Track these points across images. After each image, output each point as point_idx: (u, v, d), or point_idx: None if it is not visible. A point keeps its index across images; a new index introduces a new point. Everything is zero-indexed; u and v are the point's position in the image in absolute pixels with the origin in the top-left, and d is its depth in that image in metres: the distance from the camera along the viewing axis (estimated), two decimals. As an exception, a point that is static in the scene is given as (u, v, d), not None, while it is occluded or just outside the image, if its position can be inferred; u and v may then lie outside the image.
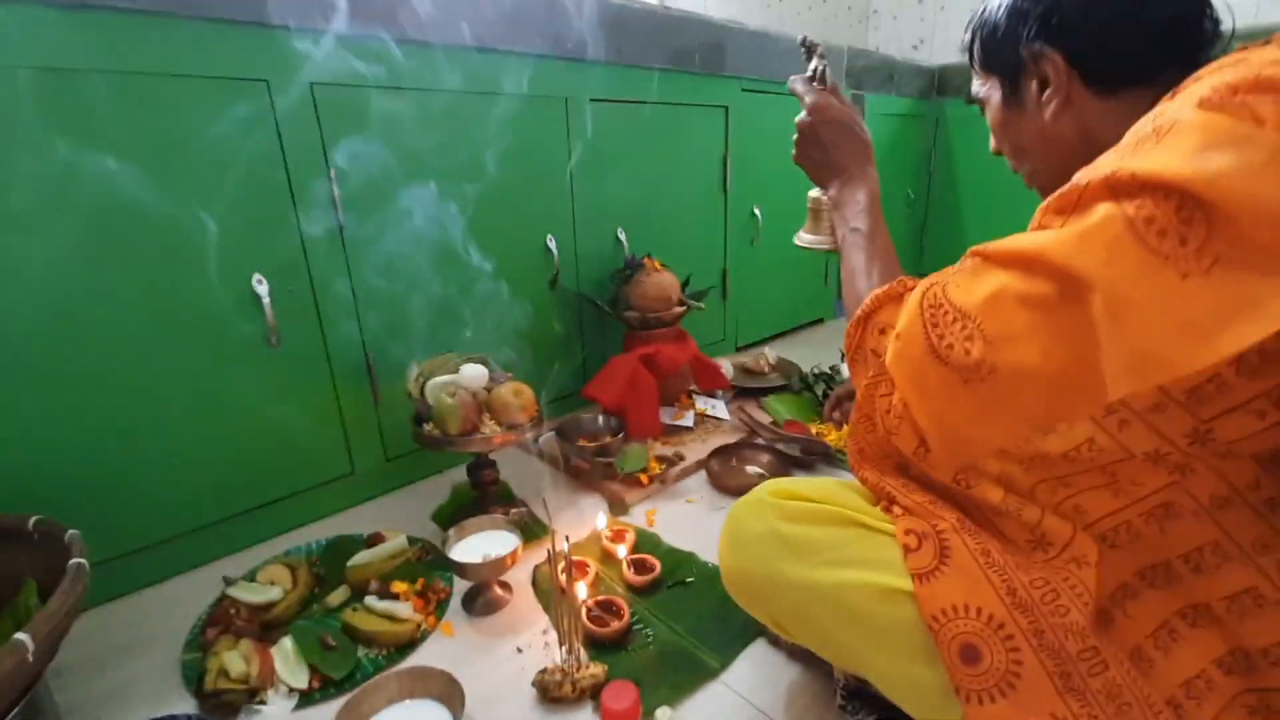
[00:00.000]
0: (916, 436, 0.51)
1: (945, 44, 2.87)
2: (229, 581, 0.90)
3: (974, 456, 0.49)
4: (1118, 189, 0.39)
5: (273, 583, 0.88)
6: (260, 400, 0.99)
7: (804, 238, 0.81)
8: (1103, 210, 0.40)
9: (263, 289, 0.95)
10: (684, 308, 1.41)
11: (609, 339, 1.50)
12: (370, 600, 0.85)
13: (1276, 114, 0.37)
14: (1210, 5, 0.52)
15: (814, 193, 0.77)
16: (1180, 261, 0.37)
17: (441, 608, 0.88)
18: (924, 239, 2.72)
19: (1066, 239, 0.41)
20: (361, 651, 0.80)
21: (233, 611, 0.83)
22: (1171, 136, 0.39)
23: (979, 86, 0.63)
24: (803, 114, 0.70)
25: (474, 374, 0.99)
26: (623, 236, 1.48)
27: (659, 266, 1.39)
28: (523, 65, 1.19)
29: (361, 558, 0.92)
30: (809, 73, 0.72)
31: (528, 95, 1.22)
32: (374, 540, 0.97)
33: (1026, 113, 0.59)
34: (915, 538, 0.50)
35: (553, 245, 1.33)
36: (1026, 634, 0.45)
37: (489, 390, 1.01)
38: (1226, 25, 0.53)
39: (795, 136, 0.72)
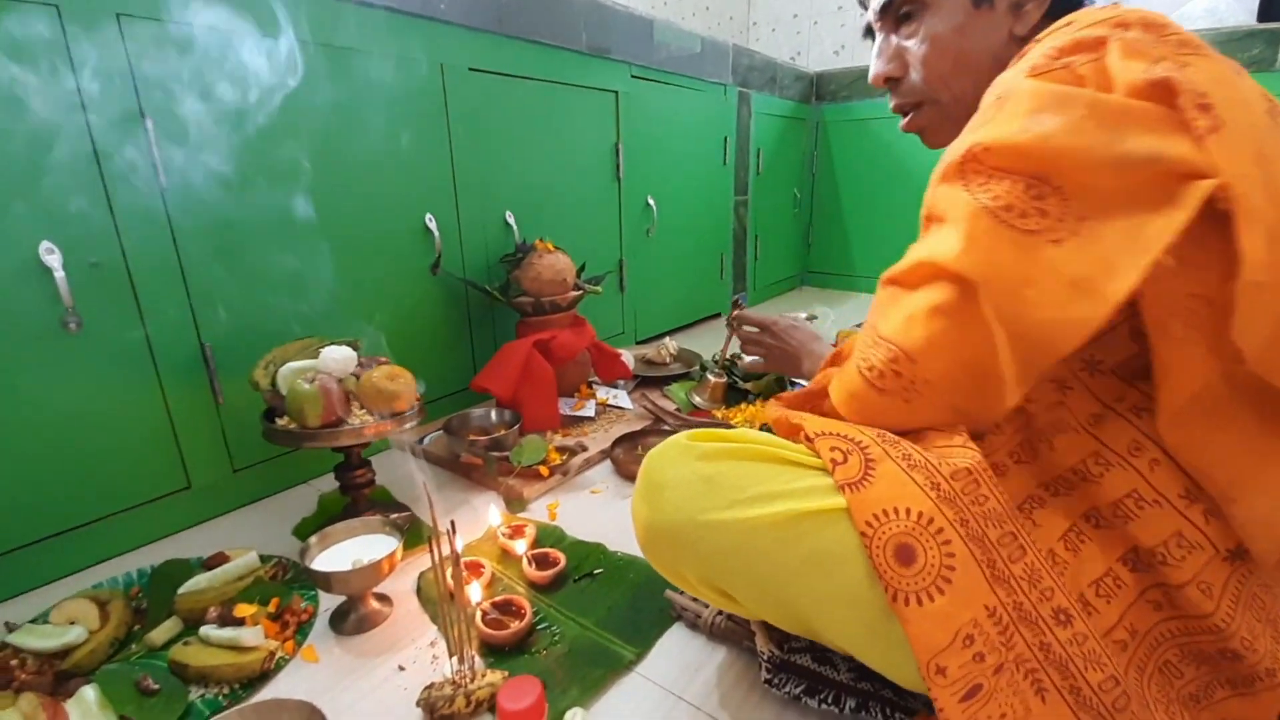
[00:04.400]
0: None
1: (820, 57, 3.03)
2: (11, 627, 0.70)
3: None
4: (967, 171, 0.45)
5: (73, 622, 0.70)
6: (54, 401, 0.80)
7: (696, 399, 1.36)
8: (964, 203, 0.44)
9: (54, 259, 0.77)
10: (580, 292, 1.33)
11: (500, 330, 1.40)
12: (207, 630, 0.69)
13: (1094, 72, 0.43)
14: None
15: (709, 374, 1.39)
16: (1049, 232, 0.42)
17: (303, 631, 0.74)
18: (810, 236, 2.83)
19: (954, 245, 0.44)
20: (195, 693, 0.65)
21: (14, 663, 0.65)
22: (1009, 104, 0.44)
23: None
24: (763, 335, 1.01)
25: (338, 357, 0.86)
26: (512, 220, 1.39)
27: (552, 248, 1.31)
28: (387, 21, 1.08)
29: (196, 582, 0.76)
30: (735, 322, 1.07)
31: (396, 56, 1.10)
32: (215, 561, 0.81)
33: (995, 19, 0.57)
34: (841, 452, 0.48)
35: (433, 225, 1.21)
36: (954, 524, 0.44)
37: (358, 377, 0.88)
38: None
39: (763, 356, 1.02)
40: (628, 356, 1.51)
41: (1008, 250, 0.42)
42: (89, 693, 0.61)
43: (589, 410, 1.30)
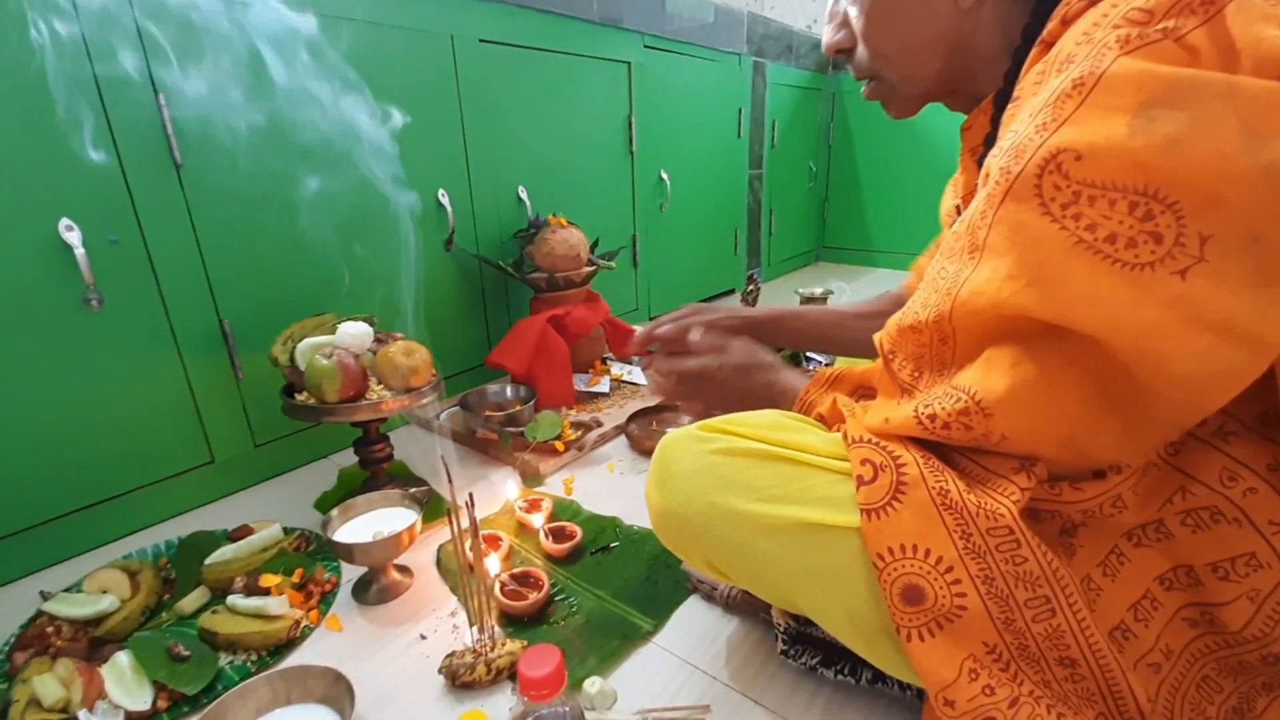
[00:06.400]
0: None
1: (836, 23, 2.95)
2: (46, 596, 0.73)
3: None
4: (1047, 188, 0.35)
5: (105, 591, 0.71)
6: (80, 378, 0.81)
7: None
8: (1049, 238, 0.35)
9: (74, 236, 0.77)
10: (594, 268, 1.33)
11: (515, 307, 1.40)
12: (234, 599, 0.71)
13: (1210, 42, 0.33)
14: None
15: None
16: (1168, 261, 0.33)
17: (327, 601, 0.75)
18: (826, 210, 2.79)
19: (1036, 293, 0.36)
20: (225, 659, 0.67)
21: (50, 629, 0.67)
22: (1100, 94, 0.34)
23: None
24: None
25: (355, 333, 0.86)
26: (524, 195, 1.38)
27: (565, 223, 1.30)
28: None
29: (222, 553, 0.77)
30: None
31: (407, 27, 1.08)
32: (240, 533, 0.82)
33: None
34: (871, 468, 0.45)
35: (445, 201, 1.21)
36: (975, 579, 0.42)
37: (374, 352, 0.89)
38: None
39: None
40: (641, 332, 1.50)
41: (1121, 293, 0.34)
42: (122, 658, 0.63)
43: (603, 386, 1.31)
